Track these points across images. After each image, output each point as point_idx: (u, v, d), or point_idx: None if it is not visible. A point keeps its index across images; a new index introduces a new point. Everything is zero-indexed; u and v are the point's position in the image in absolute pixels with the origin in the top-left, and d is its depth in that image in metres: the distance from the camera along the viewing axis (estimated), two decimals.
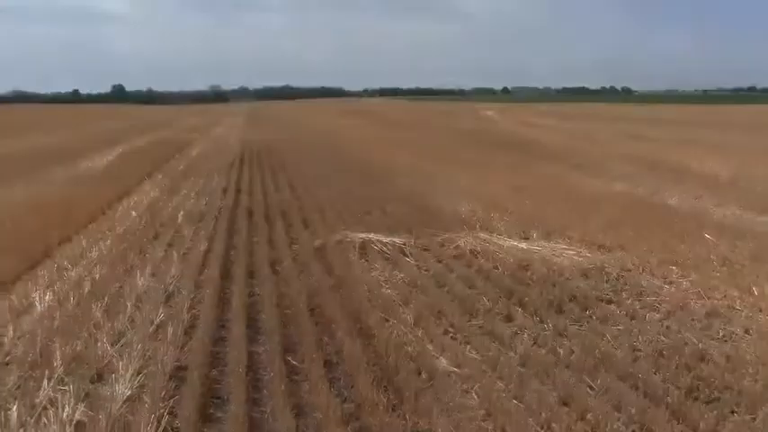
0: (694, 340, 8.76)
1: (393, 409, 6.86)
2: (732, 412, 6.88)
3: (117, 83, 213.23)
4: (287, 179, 24.52)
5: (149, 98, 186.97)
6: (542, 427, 6.60)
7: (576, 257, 12.70)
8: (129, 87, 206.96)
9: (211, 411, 7.02)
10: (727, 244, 13.60)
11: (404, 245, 13.70)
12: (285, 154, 33.29)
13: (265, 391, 7.45)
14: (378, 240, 13.88)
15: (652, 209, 17.48)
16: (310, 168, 26.95)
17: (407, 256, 13.05)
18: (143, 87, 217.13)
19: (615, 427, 6.54)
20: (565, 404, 7.10)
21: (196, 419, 6.59)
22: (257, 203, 19.38)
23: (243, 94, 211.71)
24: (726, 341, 8.83)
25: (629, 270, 12.03)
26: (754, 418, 6.72)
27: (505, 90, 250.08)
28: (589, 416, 6.77)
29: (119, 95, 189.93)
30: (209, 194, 21.14)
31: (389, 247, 13.52)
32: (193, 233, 15.34)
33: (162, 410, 6.82)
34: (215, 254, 13.28)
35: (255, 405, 7.12)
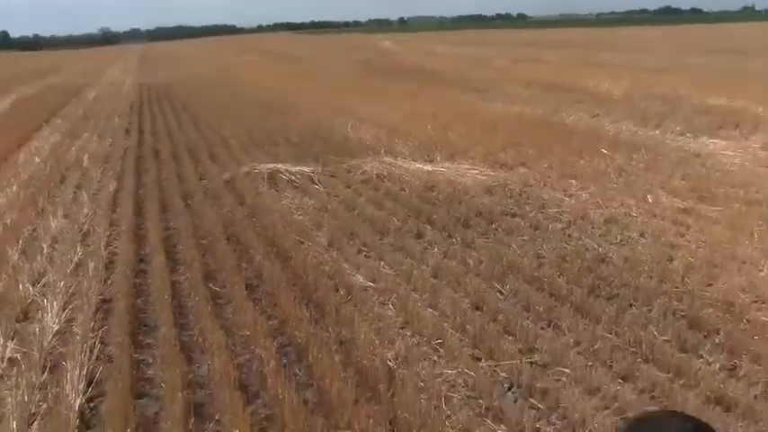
0: (594, 245, 9.26)
1: (316, 323, 7.16)
2: (630, 306, 7.37)
3: (0, 29, 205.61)
4: (190, 118, 24.36)
5: (36, 44, 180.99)
6: (457, 330, 6.99)
7: (479, 176, 13.12)
8: (13, 33, 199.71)
9: (141, 338, 7.20)
10: (622, 157, 14.17)
11: (312, 173, 13.92)
12: (185, 94, 32.94)
13: (191, 316, 7.65)
14: (286, 170, 14.07)
15: (551, 128, 17.97)
16: (212, 106, 26.77)
17: (316, 184, 13.30)
18: (29, 33, 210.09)
19: (525, 324, 6.95)
20: (477, 308, 7.50)
21: (128, 346, 6.76)
22: (162, 142, 19.29)
23: (135, 36, 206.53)
24: (623, 245, 9.34)
25: (531, 185, 12.51)
26: (650, 310, 7.22)
27: (402, 20, 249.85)
28: (500, 317, 7.18)
29: (3, 42, 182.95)
30: (111, 136, 20.91)
31: (298, 176, 13.73)
32: (101, 174, 15.29)
33: (93, 340, 6.97)
34: (126, 192, 13.31)
35: (183, 329, 7.32)
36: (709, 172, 12.92)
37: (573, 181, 12.58)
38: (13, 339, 7.22)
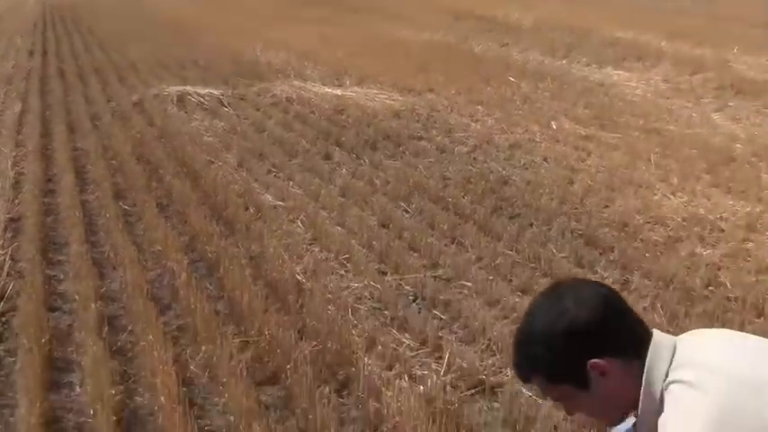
0: (499, 168, 9.55)
1: (226, 238, 7.27)
2: (531, 225, 7.67)
3: None
4: (96, 40, 23.76)
5: None
6: (364, 247, 7.20)
7: (388, 101, 13.28)
8: None
9: (52, 255, 7.20)
10: (529, 86, 14.48)
11: (221, 96, 13.88)
12: (91, 16, 31.95)
13: (102, 233, 7.67)
14: (195, 93, 14.00)
15: (460, 55, 18.17)
16: (119, 29, 26.04)
17: (225, 106, 13.28)
18: None
19: (429, 241, 7.19)
20: (383, 226, 7.72)
21: (39, 262, 6.76)
22: (68, 64, 18.86)
23: None
24: (527, 168, 9.65)
25: (439, 111, 12.73)
26: (550, 229, 7.54)
27: None
28: (406, 234, 7.42)
29: None
30: (14, 57, 20.35)
31: (207, 99, 13.69)
32: (4, 95, 14.91)
33: (3, 257, 6.95)
34: (32, 114, 13.05)
35: (95, 246, 7.34)
36: (611, 101, 13.30)
37: (479, 107, 12.84)
38: None
